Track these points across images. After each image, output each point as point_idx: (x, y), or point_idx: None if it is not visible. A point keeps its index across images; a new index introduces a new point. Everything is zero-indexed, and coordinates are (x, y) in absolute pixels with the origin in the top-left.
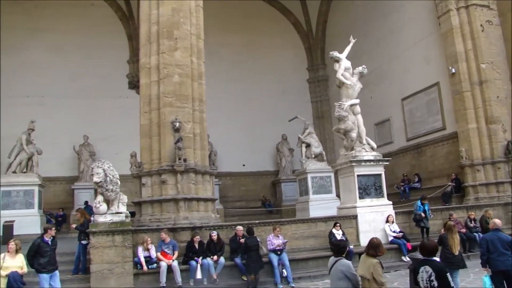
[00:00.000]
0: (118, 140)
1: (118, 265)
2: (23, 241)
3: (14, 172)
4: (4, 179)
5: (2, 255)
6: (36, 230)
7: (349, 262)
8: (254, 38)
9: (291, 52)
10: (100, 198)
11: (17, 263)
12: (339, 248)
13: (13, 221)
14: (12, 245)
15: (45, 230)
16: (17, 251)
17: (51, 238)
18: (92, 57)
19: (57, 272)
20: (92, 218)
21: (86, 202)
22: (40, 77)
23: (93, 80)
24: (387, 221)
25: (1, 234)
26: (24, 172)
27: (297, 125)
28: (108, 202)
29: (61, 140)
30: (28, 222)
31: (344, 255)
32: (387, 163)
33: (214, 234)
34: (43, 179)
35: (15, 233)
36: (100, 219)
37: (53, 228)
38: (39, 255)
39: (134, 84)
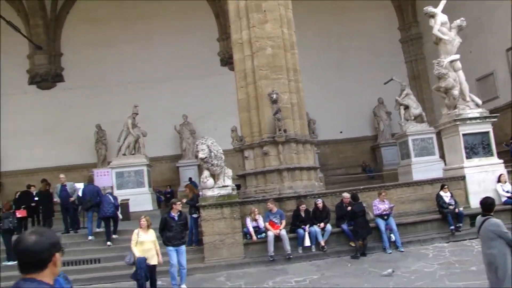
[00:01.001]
0: (215, 117)
1: (229, 236)
2: (138, 218)
3: (124, 154)
4: (116, 161)
5: (136, 230)
6: (149, 207)
7: (499, 221)
8: (341, 3)
9: (379, 13)
10: (206, 173)
11: (150, 237)
12: (486, 205)
13: (128, 199)
14: (143, 221)
15: (171, 206)
16: (148, 227)
17: (178, 213)
18: (183, 39)
19: (183, 247)
20: (200, 193)
21: (190, 179)
22: (138, 64)
23: (186, 61)
24: (499, 181)
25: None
26: (133, 154)
27: (393, 87)
28: (214, 176)
29: (162, 121)
30: (141, 199)
31: (492, 213)
32: (495, 119)
33: (320, 202)
34: (150, 159)
35: (130, 210)
36: (208, 193)
37: (178, 203)
38: (167, 230)
39: (225, 61)
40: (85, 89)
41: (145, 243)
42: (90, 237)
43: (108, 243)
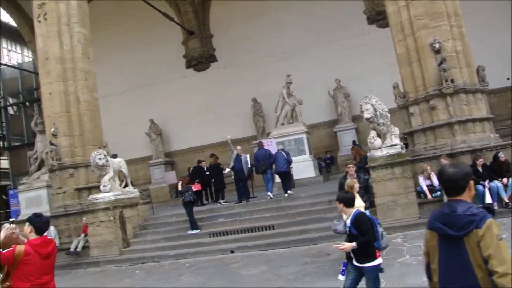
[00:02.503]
0: (367, 78)
1: (401, 196)
2: (302, 185)
3: (282, 124)
4: (276, 132)
5: None
6: (311, 173)
7: None
8: None
9: None
10: (373, 133)
11: (359, 202)
12: None
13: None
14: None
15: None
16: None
17: (356, 176)
18: (327, 3)
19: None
20: (368, 154)
21: (354, 141)
22: (286, 33)
23: (333, 24)
24: None
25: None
26: (291, 123)
27: None
28: (380, 136)
29: (315, 87)
30: (303, 167)
31: None
32: None
33: (503, 155)
34: (307, 127)
35: (294, 178)
36: (377, 153)
37: (351, 166)
38: None
39: (372, 19)
40: (237, 65)
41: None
42: (269, 193)
43: (287, 194)
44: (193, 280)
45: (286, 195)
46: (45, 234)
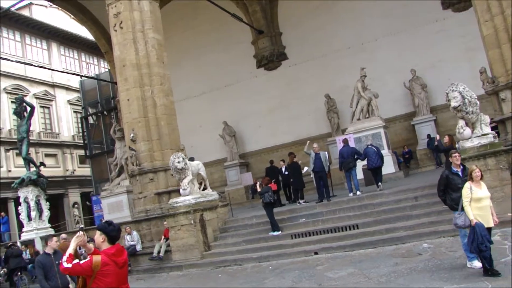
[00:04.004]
0: (447, 66)
1: (497, 190)
2: (382, 181)
3: (359, 119)
4: (352, 127)
5: (468, 184)
6: (391, 169)
7: None
8: None
9: None
10: (461, 122)
11: (485, 192)
12: None
13: None
14: (477, 172)
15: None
16: (481, 178)
17: (461, 167)
18: None
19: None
20: (457, 145)
21: (428, 135)
22: (356, 25)
23: (405, 11)
24: None
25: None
26: (367, 118)
27: None
28: (469, 125)
29: (389, 79)
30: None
31: None
32: None
33: None
34: (384, 121)
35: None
36: (467, 144)
37: (455, 155)
38: (451, 190)
39: (447, 4)
40: (308, 61)
41: (482, 200)
42: (357, 192)
43: (378, 186)
44: (278, 283)
45: (378, 189)
46: (128, 238)
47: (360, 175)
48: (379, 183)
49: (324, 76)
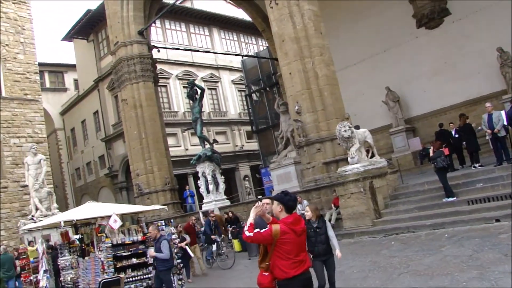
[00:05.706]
0: None
1: None
2: None
3: None
4: None
5: None
6: None
7: None
8: None
9: None
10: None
11: None
12: None
13: None
14: None
15: None
16: None
17: None
18: None
19: None
20: None
21: None
22: None
23: None
24: None
25: None
26: None
27: None
28: None
29: None
30: None
31: None
32: None
33: None
34: None
35: None
36: None
37: None
38: None
39: None
40: (476, 12)
41: None
42: None
43: None
44: (457, 252)
45: None
46: (299, 207)
47: None
48: None
49: (494, 27)
